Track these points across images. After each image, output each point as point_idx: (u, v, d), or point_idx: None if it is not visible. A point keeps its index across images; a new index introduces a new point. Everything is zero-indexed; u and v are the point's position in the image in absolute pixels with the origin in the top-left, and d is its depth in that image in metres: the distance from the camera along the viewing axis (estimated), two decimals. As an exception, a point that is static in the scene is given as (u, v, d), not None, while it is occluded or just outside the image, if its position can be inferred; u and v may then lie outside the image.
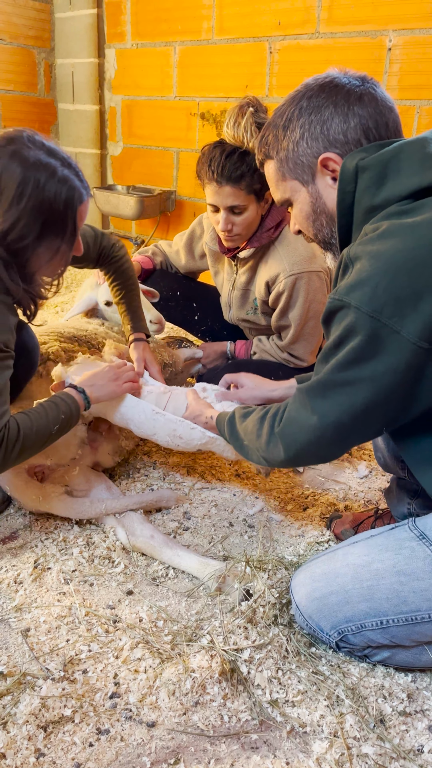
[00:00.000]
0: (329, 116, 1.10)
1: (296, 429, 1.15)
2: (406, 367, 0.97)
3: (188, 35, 3.20)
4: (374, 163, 1.04)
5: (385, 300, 0.95)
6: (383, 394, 1.01)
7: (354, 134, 1.10)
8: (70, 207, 1.35)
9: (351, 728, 1.09)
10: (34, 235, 1.32)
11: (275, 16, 2.83)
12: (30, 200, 1.29)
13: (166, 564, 1.49)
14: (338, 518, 1.62)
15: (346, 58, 2.65)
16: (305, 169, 1.16)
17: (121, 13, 3.46)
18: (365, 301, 0.97)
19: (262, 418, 1.28)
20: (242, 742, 1.08)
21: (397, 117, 1.13)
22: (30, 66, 3.73)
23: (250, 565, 1.41)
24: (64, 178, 1.33)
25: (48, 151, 1.33)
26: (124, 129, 3.69)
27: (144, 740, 1.07)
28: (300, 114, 1.13)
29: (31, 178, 1.29)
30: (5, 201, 1.28)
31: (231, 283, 2.22)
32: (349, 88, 1.10)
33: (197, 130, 3.32)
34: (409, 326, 0.95)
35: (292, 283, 2.00)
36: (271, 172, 1.23)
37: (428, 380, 0.99)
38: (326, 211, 1.18)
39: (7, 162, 1.28)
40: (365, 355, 0.99)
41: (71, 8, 3.64)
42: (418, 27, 2.44)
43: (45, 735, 1.06)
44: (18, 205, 1.29)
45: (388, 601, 1.11)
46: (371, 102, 1.10)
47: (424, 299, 0.94)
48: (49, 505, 1.57)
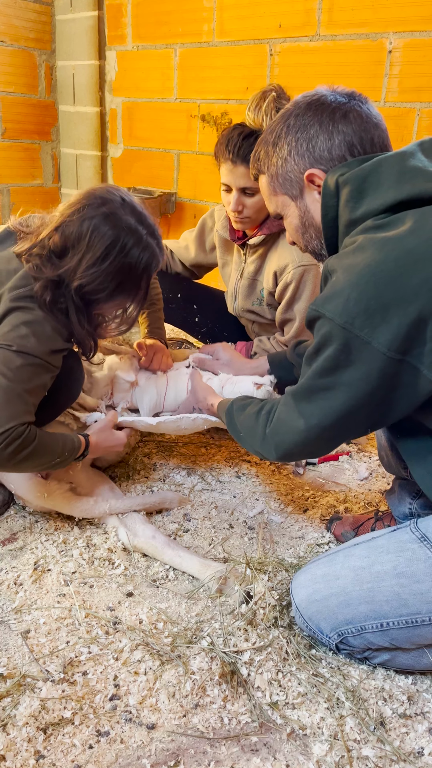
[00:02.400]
0: (315, 134, 1.15)
1: (284, 430, 1.20)
2: (379, 376, 1.01)
3: (189, 37, 3.20)
4: (353, 178, 1.08)
5: (356, 312, 0.99)
6: (360, 400, 1.05)
7: (338, 151, 1.14)
8: (146, 273, 1.44)
9: (351, 730, 1.09)
10: (108, 291, 1.40)
11: (275, 18, 2.84)
12: (114, 262, 1.37)
13: (167, 565, 1.49)
14: (338, 520, 1.62)
15: (347, 61, 2.66)
16: (293, 184, 1.21)
17: (122, 15, 3.47)
18: (338, 313, 1.01)
19: (257, 413, 1.32)
20: (242, 744, 1.08)
21: (383, 133, 1.16)
22: (31, 68, 3.73)
23: (250, 566, 1.41)
24: (148, 246, 1.41)
25: (138, 218, 1.41)
26: (124, 131, 3.69)
27: (144, 742, 1.06)
28: (288, 131, 1.18)
29: (118, 242, 1.36)
30: (90, 258, 1.36)
31: (239, 272, 2.22)
32: (335, 106, 1.14)
33: (198, 132, 3.32)
34: (379, 337, 0.98)
35: (300, 275, 2.01)
36: (264, 187, 1.29)
37: (405, 388, 1.02)
38: (314, 224, 1.23)
39: (99, 222, 1.36)
40: (341, 363, 1.04)
41: (72, 10, 3.65)
42: (418, 29, 2.44)
43: (45, 737, 1.06)
44: (101, 265, 1.36)
45: (388, 604, 1.11)
46: (356, 119, 1.13)
47: (391, 312, 0.97)
48: (53, 502, 1.58)
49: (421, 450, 1.15)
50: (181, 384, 1.81)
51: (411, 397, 1.03)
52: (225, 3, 3.00)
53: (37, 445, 1.38)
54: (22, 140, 3.80)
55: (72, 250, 1.37)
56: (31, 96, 3.78)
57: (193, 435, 2.15)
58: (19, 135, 3.75)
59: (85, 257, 1.36)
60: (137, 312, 1.53)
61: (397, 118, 2.58)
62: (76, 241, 1.37)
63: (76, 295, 1.39)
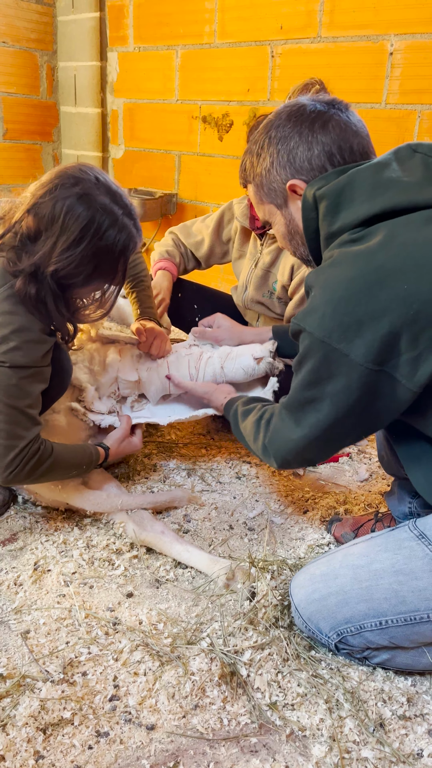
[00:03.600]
0: (294, 145, 1.16)
1: (279, 440, 1.24)
2: (359, 386, 1.04)
3: (190, 39, 3.21)
4: (329, 193, 1.10)
5: (332, 326, 1.02)
6: (345, 409, 1.08)
7: (318, 161, 1.15)
8: (123, 255, 1.40)
9: (350, 732, 1.09)
10: (84, 275, 1.37)
11: (277, 20, 2.84)
12: (89, 245, 1.32)
13: (167, 565, 1.49)
14: (338, 521, 1.62)
15: (348, 62, 2.66)
16: (278, 194, 1.23)
17: (124, 16, 3.47)
18: (316, 327, 1.04)
19: (257, 422, 1.35)
20: (241, 745, 1.08)
21: (363, 140, 1.17)
22: (32, 69, 3.73)
23: (255, 565, 1.42)
24: (124, 226, 1.36)
25: (112, 197, 1.35)
26: (126, 132, 3.70)
27: (143, 743, 1.07)
28: (269, 143, 1.20)
29: (93, 223, 1.31)
30: (65, 241, 1.31)
31: (254, 262, 2.21)
32: (314, 116, 1.15)
33: (199, 133, 3.32)
34: (355, 350, 1.01)
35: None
36: (252, 195, 1.31)
37: (386, 397, 1.04)
38: (299, 232, 1.24)
39: (73, 202, 1.30)
40: (323, 376, 1.07)
41: (74, 11, 3.65)
42: (419, 32, 2.44)
43: (44, 737, 1.06)
44: (76, 248, 1.31)
45: (387, 601, 1.12)
46: (335, 128, 1.14)
47: (364, 326, 1.00)
48: (67, 494, 1.60)
49: (416, 452, 1.16)
50: (183, 368, 1.85)
51: (392, 405, 1.05)
52: (226, 4, 3.01)
53: (54, 460, 1.42)
54: (24, 141, 3.80)
55: (45, 233, 1.32)
56: (32, 97, 3.78)
57: (194, 436, 2.15)
58: (20, 136, 3.76)
59: (59, 240, 1.31)
60: (115, 295, 1.50)
61: (398, 120, 2.58)
62: (50, 223, 1.31)
63: (52, 281, 1.34)
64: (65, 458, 1.48)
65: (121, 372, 1.83)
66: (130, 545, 1.55)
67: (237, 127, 3.14)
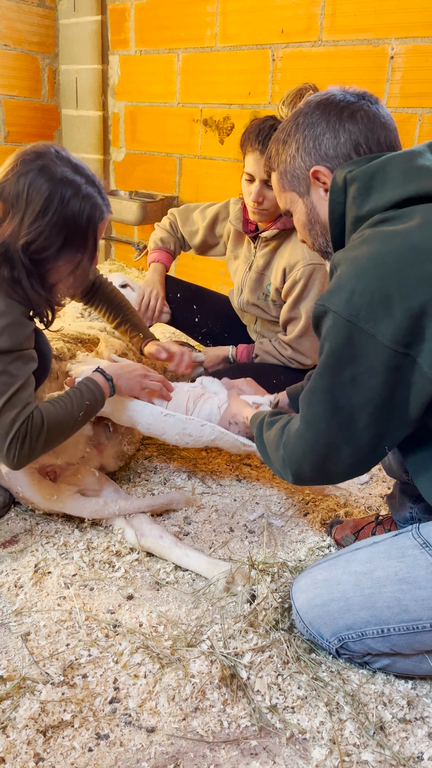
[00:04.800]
0: (321, 132, 1.17)
1: (292, 441, 1.19)
2: (383, 369, 1.00)
3: (191, 42, 3.22)
4: (361, 176, 1.09)
5: (360, 304, 0.99)
6: (365, 396, 1.03)
7: (344, 149, 1.15)
8: (91, 223, 1.40)
9: (351, 735, 1.09)
10: (56, 247, 1.36)
11: (278, 23, 2.85)
12: (55, 215, 1.33)
13: (167, 568, 1.49)
14: (339, 524, 1.62)
15: (349, 66, 2.67)
16: (301, 181, 1.23)
17: (125, 20, 3.49)
18: (342, 306, 1.01)
19: (282, 428, 1.29)
20: (242, 748, 1.08)
21: (391, 133, 1.17)
22: (34, 72, 3.75)
23: (255, 567, 1.42)
24: (88, 195, 1.38)
25: (74, 168, 1.38)
26: (127, 135, 3.71)
27: (143, 745, 1.06)
28: (296, 130, 1.20)
29: (57, 193, 1.33)
30: (31, 214, 1.32)
31: (248, 265, 2.23)
32: (343, 105, 1.16)
33: (200, 136, 3.33)
34: (383, 330, 0.98)
35: (310, 273, 2.01)
36: (275, 183, 1.31)
37: (408, 385, 1.01)
38: (320, 221, 1.24)
39: (35, 176, 1.33)
40: (345, 358, 1.03)
41: (75, 15, 3.66)
42: (420, 35, 2.45)
43: (44, 739, 1.06)
44: (43, 219, 1.33)
45: (389, 609, 1.11)
46: (363, 119, 1.14)
47: (394, 303, 0.97)
48: (63, 503, 1.58)
49: (427, 461, 1.13)
50: (181, 400, 1.77)
51: (416, 397, 1.01)
52: (228, 8, 3.02)
53: (49, 427, 1.38)
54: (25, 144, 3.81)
55: (12, 209, 1.33)
56: (34, 100, 3.79)
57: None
58: (21, 138, 3.77)
59: (26, 214, 1.32)
60: (89, 267, 1.49)
61: (399, 124, 2.55)
62: (15, 199, 1.33)
63: (24, 256, 1.34)
64: (60, 415, 1.42)
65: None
66: (131, 548, 1.55)
67: (238, 130, 3.15)
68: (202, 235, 2.38)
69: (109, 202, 1.47)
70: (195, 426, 1.65)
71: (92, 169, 1.46)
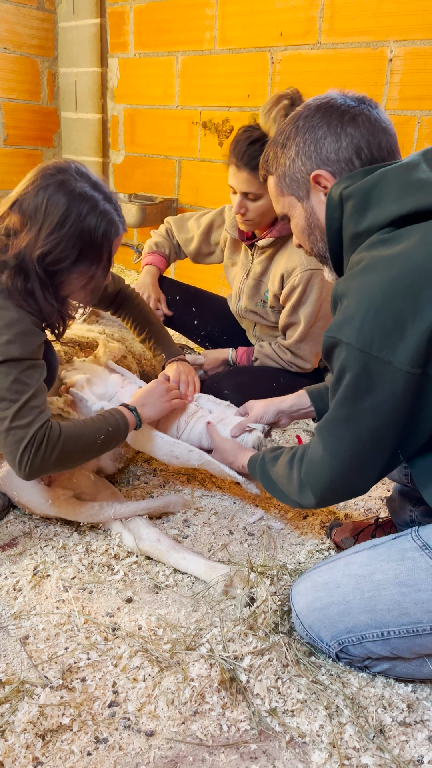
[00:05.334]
0: (322, 136, 1.15)
1: (316, 470, 1.19)
2: (403, 392, 1.01)
3: (191, 45, 3.22)
4: (357, 192, 1.08)
5: (372, 334, 0.99)
6: (387, 421, 1.04)
7: (345, 153, 1.14)
8: (106, 238, 1.42)
9: (350, 738, 1.09)
10: (71, 260, 1.39)
11: (277, 26, 2.85)
12: (71, 228, 1.36)
13: (166, 571, 1.48)
14: (338, 526, 1.62)
15: (348, 69, 2.67)
16: (300, 185, 1.21)
17: (125, 23, 3.49)
18: (354, 337, 1.01)
19: (290, 461, 1.29)
20: (241, 752, 1.07)
21: (391, 138, 1.16)
22: (33, 75, 3.75)
23: (254, 570, 1.41)
24: (105, 211, 1.40)
25: (92, 185, 1.41)
26: (126, 137, 3.71)
27: (142, 749, 1.06)
28: (296, 133, 1.18)
29: (74, 208, 1.36)
30: (48, 226, 1.35)
31: (245, 272, 2.23)
32: (344, 109, 1.15)
33: (199, 139, 3.33)
34: (399, 356, 0.98)
35: (308, 279, 2.01)
36: (272, 187, 1.29)
37: (427, 404, 1.02)
38: (319, 225, 1.22)
39: (54, 191, 1.36)
40: (363, 388, 1.03)
41: (75, 18, 3.67)
42: (419, 38, 2.45)
43: (43, 743, 1.05)
44: (60, 231, 1.35)
45: (389, 613, 1.11)
46: (365, 123, 1.13)
47: (407, 328, 0.97)
48: (58, 508, 1.57)
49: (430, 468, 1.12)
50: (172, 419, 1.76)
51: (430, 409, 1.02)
52: (227, 11, 3.02)
53: (65, 442, 1.39)
54: (25, 146, 3.82)
55: (30, 221, 1.36)
56: (33, 102, 3.80)
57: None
58: (21, 141, 3.78)
59: (43, 226, 1.35)
60: (102, 282, 1.51)
61: (397, 126, 2.57)
62: (34, 212, 1.36)
63: (39, 267, 1.37)
64: (78, 433, 1.43)
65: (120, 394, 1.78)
66: (129, 551, 1.54)
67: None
68: (197, 243, 2.39)
69: (125, 220, 1.49)
70: (182, 450, 1.65)
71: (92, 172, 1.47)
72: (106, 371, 1.82)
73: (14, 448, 1.35)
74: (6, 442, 1.36)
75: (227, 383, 2.13)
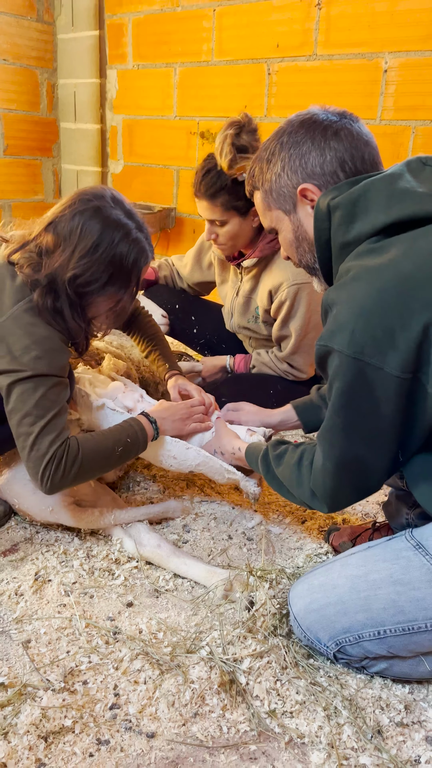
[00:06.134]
0: (307, 150, 1.19)
1: (321, 478, 1.21)
2: (396, 397, 1.03)
3: (188, 57, 3.26)
4: (344, 202, 1.12)
5: (363, 341, 1.02)
6: (382, 425, 1.07)
7: (330, 167, 1.18)
8: (136, 266, 1.48)
9: (349, 739, 1.10)
10: (100, 283, 1.43)
11: (273, 38, 2.89)
12: (104, 253, 1.41)
13: (167, 575, 1.50)
14: (336, 531, 1.64)
15: (343, 80, 2.71)
16: (287, 199, 1.25)
17: (123, 35, 3.53)
18: (346, 345, 1.03)
19: (297, 465, 1.30)
20: (241, 753, 1.09)
21: (373, 150, 1.20)
22: (33, 86, 3.79)
23: (253, 574, 1.43)
24: (136, 240, 1.46)
25: (126, 213, 1.46)
26: (125, 147, 3.75)
27: (143, 751, 1.07)
28: (281, 148, 1.22)
29: (107, 235, 1.41)
30: (82, 249, 1.40)
31: (235, 290, 2.27)
32: (326, 124, 1.18)
33: (197, 148, 3.37)
34: (390, 362, 1.01)
35: (294, 293, 2.04)
36: (259, 202, 1.32)
37: (419, 409, 1.05)
38: (307, 238, 1.26)
39: (89, 216, 1.41)
40: (357, 395, 1.06)
41: (74, 30, 3.71)
42: (413, 50, 2.49)
43: (46, 745, 1.07)
44: (92, 256, 1.40)
45: (385, 611, 1.13)
46: (347, 137, 1.17)
47: (397, 335, 1.00)
48: (58, 515, 1.59)
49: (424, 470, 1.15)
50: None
51: (424, 416, 1.05)
52: (224, 23, 3.06)
53: (84, 456, 1.42)
54: (24, 156, 3.85)
55: (64, 243, 1.41)
56: (33, 113, 3.83)
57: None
58: (20, 151, 3.81)
59: (77, 249, 1.39)
60: (129, 306, 1.56)
61: (393, 136, 2.62)
62: (68, 234, 1.40)
63: (70, 288, 1.41)
64: (97, 447, 1.45)
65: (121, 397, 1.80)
66: (130, 556, 1.56)
67: (234, 142, 3.18)
68: (191, 266, 2.46)
69: (153, 248, 1.54)
70: (180, 449, 1.64)
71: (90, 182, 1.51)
72: (108, 379, 1.85)
73: (36, 463, 1.38)
74: (29, 457, 1.39)
75: (225, 390, 2.15)
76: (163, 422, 1.62)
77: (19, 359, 1.37)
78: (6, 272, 1.44)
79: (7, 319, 1.40)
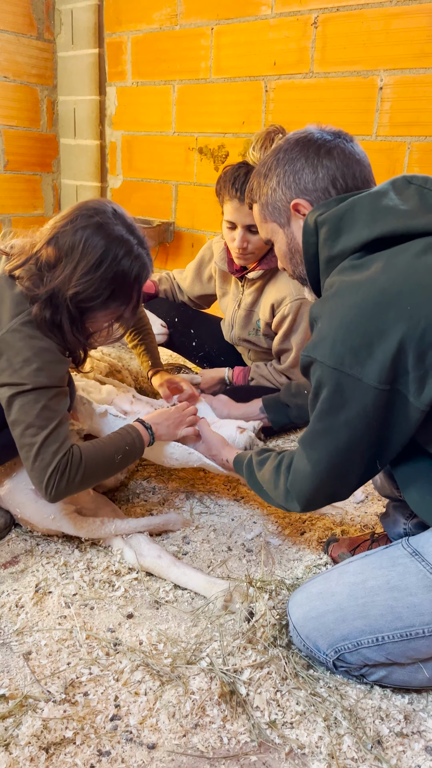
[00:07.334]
0: (300, 167, 1.24)
1: (300, 480, 1.24)
2: (373, 408, 1.07)
3: (187, 74, 3.31)
4: (330, 218, 1.16)
5: (343, 353, 1.06)
6: (360, 434, 1.11)
7: (322, 183, 1.23)
8: (138, 281, 1.49)
9: (348, 749, 1.11)
10: (102, 299, 1.45)
11: (270, 56, 2.94)
12: (106, 271, 1.42)
13: (167, 587, 1.51)
14: (335, 542, 1.65)
15: (339, 97, 2.75)
16: (281, 213, 1.30)
17: (122, 53, 3.59)
18: (327, 356, 1.08)
19: (276, 468, 1.36)
20: (242, 763, 1.09)
21: (365, 169, 1.25)
22: (33, 103, 3.84)
23: (253, 585, 1.44)
24: (139, 255, 1.47)
25: (128, 228, 1.47)
26: (124, 163, 3.79)
27: (144, 762, 1.08)
28: (277, 164, 1.28)
29: (111, 251, 1.42)
30: (84, 266, 1.41)
31: (236, 302, 2.28)
32: (320, 143, 1.24)
33: (195, 164, 3.41)
34: (368, 373, 1.05)
35: (297, 308, 2.07)
36: (256, 214, 1.38)
37: (398, 418, 1.08)
38: (299, 250, 1.30)
39: (92, 232, 1.41)
40: (337, 403, 1.10)
41: (73, 48, 3.77)
42: (408, 67, 2.54)
43: (47, 756, 1.07)
44: (95, 273, 1.41)
45: (383, 618, 1.14)
46: (340, 155, 1.22)
47: (375, 345, 1.04)
48: (60, 524, 1.60)
49: (412, 472, 1.18)
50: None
51: (404, 425, 1.08)
52: (222, 42, 3.11)
53: (87, 464, 1.44)
54: (24, 172, 3.89)
55: (65, 259, 1.42)
56: (33, 129, 3.88)
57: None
58: (21, 167, 3.85)
59: (79, 265, 1.40)
60: (130, 320, 1.58)
61: (388, 152, 2.66)
62: (70, 250, 1.41)
63: (72, 304, 1.42)
64: (98, 455, 1.48)
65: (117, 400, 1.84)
66: (130, 567, 1.57)
67: (232, 158, 3.23)
68: (191, 280, 2.47)
69: (152, 262, 1.55)
70: (182, 452, 1.71)
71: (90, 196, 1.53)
72: (98, 383, 1.88)
73: (41, 473, 1.40)
74: (33, 467, 1.41)
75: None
76: (157, 428, 1.66)
77: (19, 372, 1.39)
78: (5, 285, 1.46)
79: (7, 332, 1.41)
